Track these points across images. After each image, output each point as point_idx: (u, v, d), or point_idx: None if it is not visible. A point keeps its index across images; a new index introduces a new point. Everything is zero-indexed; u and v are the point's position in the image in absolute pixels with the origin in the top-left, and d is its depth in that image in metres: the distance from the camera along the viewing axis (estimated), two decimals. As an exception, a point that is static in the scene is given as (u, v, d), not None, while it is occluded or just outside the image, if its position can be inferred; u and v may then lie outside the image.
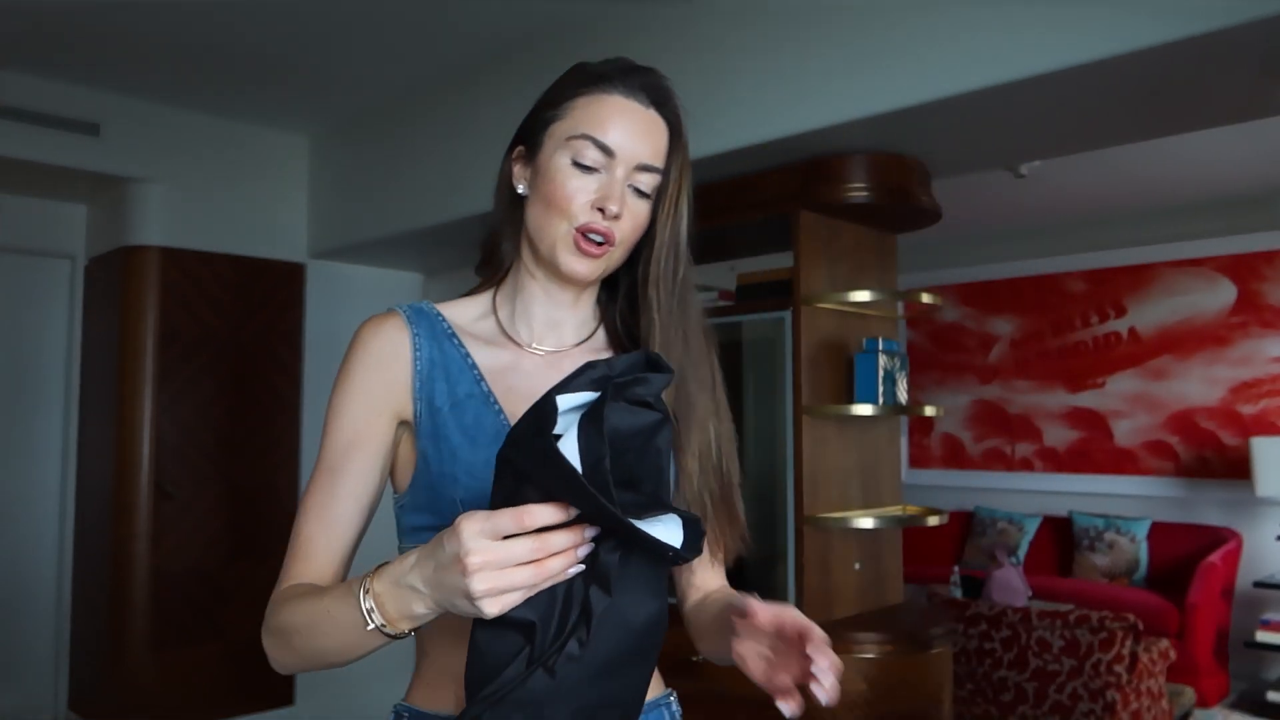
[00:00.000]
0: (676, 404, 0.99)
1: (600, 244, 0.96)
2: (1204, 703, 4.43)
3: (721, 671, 2.82)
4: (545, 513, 0.72)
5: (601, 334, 1.08)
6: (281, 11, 3.06)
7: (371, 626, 0.80)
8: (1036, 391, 5.87)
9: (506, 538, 0.72)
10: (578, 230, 0.96)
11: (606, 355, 1.01)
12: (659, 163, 0.98)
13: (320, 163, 4.35)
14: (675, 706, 1.09)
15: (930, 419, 6.22)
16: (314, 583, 0.95)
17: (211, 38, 3.26)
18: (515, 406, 0.97)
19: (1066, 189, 4.86)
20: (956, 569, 4.43)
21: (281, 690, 4.20)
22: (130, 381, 3.88)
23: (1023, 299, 5.96)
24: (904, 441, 6.36)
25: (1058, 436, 5.76)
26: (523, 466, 0.74)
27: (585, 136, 0.95)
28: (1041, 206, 5.25)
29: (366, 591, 0.80)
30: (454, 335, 1.02)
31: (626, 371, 0.75)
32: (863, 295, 2.77)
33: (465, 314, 1.05)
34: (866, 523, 2.73)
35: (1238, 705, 4.52)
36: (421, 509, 0.98)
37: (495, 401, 0.98)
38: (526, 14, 3.08)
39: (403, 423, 0.99)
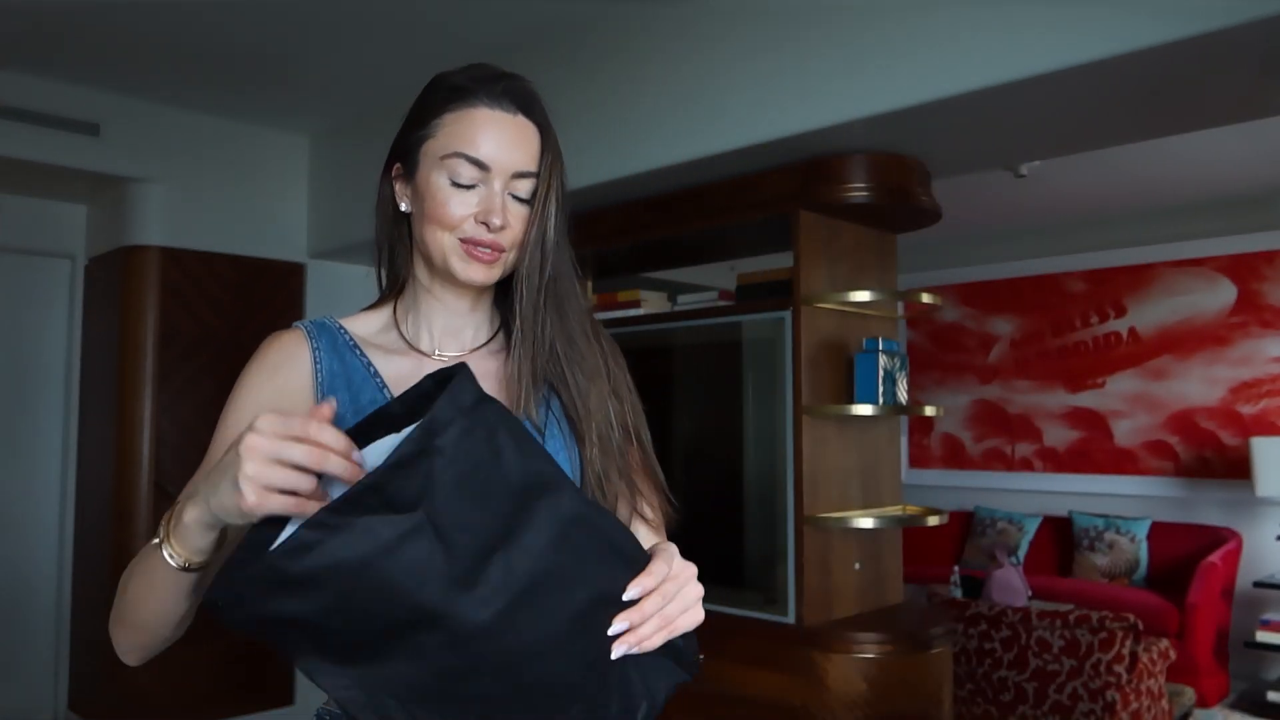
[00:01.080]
0: (566, 398, 1.03)
1: (494, 253, 0.99)
2: (1204, 703, 4.43)
3: (722, 671, 2.82)
4: (332, 434, 0.75)
5: (501, 335, 1.10)
6: (281, 11, 3.06)
7: (165, 558, 0.81)
8: (1036, 391, 5.87)
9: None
10: (463, 241, 0.98)
11: (505, 355, 1.07)
12: (534, 167, 1.00)
13: (320, 163, 4.35)
14: None
15: (930, 419, 6.22)
16: None
17: (212, 38, 3.26)
18: None
19: (1066, 189, 4.86)
20: (956, 569, 4.43)
21: (281, 690, 4.20)
22: (130, 381, 3.88)
23: (1023, 299, 5.97)
24: (904, 441, 6.36)
25: (1058, 436, 5.76)
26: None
27: (458, 154, 0.97)
28: (1041, 206, 5.25)
29: (163, 524, 0.83)
30: (356, 346, 1.04)
31: (412, 401, 0.82)
32: (863, 295, 2.77)
33: (367, 326, 1.08)
34: (866, 523, 2.73)
35: (1238, 705, 4.52)
36: None
37: None
38: (526, 14, 3.08)
39: None
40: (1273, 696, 4.31)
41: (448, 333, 1.07)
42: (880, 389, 2.76)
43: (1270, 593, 4.71)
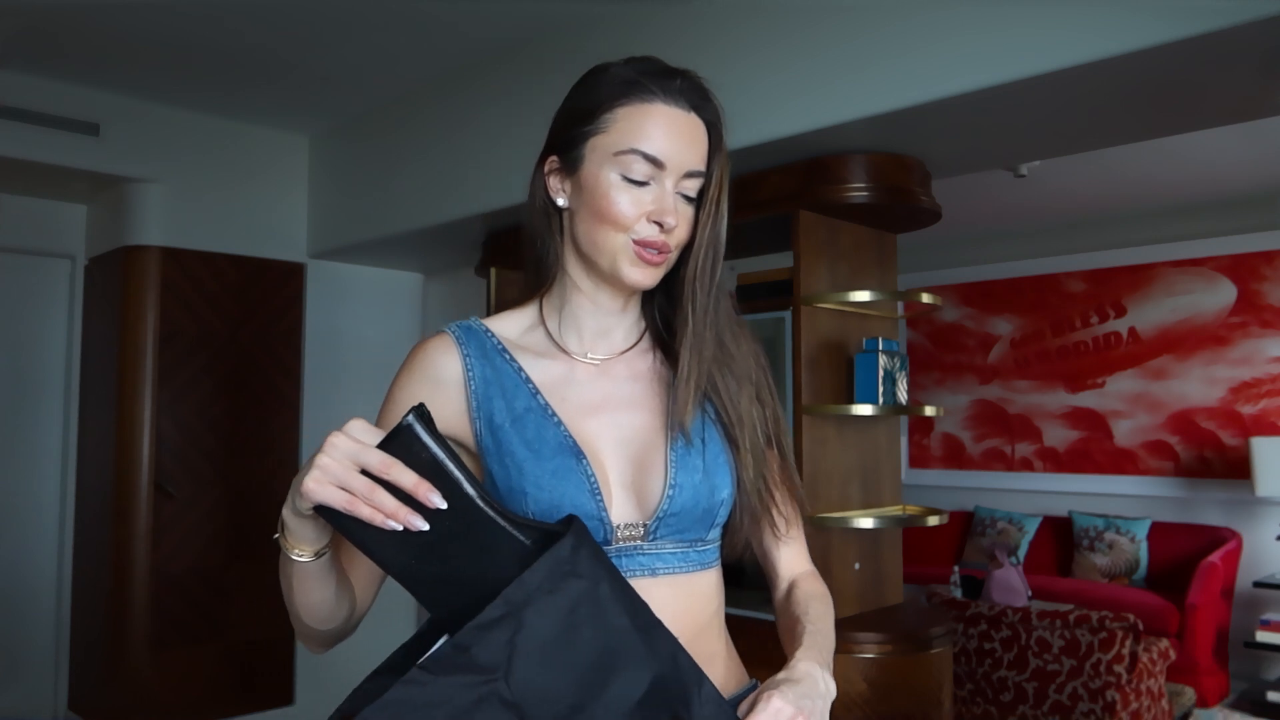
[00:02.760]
0: (719, 403, 1.02)
1: (661, 254, 0.98)
2: (1204, 703, 4.43)
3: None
4: (407, 476, 0.78)
5: (648, 335, 1.09)
6: (281, 11, 3.06)
7: (286, 554, 0.88)
8: (1036, 391, 5.87)
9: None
10: (636, 243, 0.97)
11: (655, 355, 1.07)
12: (703, 166, 0.99)
13: (320, 163, 4.35)
14: None
15: (930, 419, 6.22)
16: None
17: (212, 38, 3.26)
18: (571, 417, 0.99)
19: (1066, 189, 4.86)
20: (956, 569, 4.43)
21: (281, 690, 4.20)
22: (130, 381, 3.88)
23: (1023, 299, 5.96)
24: (904, 441, 6.36)
25: (1058, 436, 5.76)
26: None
27: (634, 151, 0.95)
28: (1041, 206, 5.25)
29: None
30: (504, 350, 1.03)
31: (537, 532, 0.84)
32: (863, 295, 2.77)
33: (513, 327, 1.06)
34: (866, 523, 2.73)
35: (1238, 705, 4.52)
36: None
37: (553, 414, 0.99)
38: (526, 14, 3.08)
39: (460, 445, 1.01)
40: (1273, 696, 4.31)
41: (598, 334, 1.05)
42: (880, 389, 2.76)
43: (1270, 593, 4.71)
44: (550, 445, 0.97)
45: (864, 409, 2.73)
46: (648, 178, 0.96)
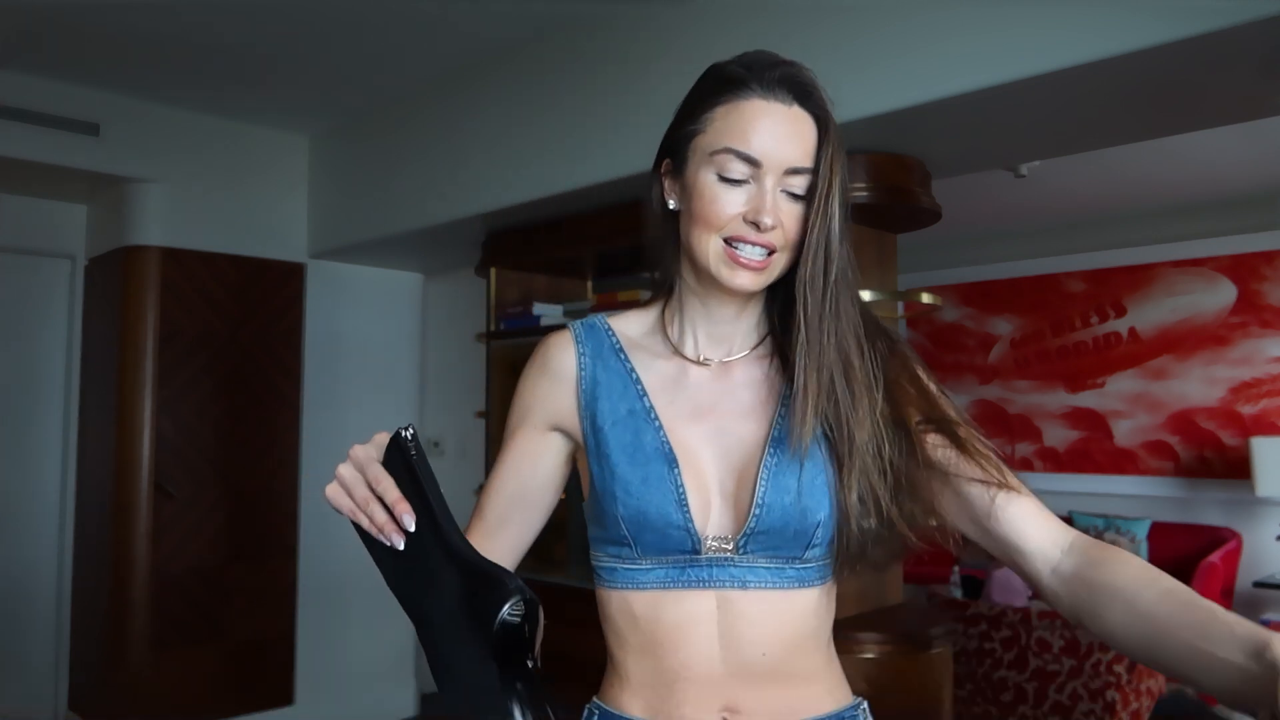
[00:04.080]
0: (832, 418, 0.95)
1: (764, 256, 0.94)
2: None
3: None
4: (391, 492, 0.84)
5: (769, 340, 1.06)
6: (282, 11, 3.06)
7: None
8: (1036, 391, 5.87)
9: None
10: (728, 242, 0.94)
11: (771, 362, 1.04)
12: (808, 163, 0.94)
13: (320, 163, 4.35)
14: (867, 717, 1.07)
15: (930, 419, 6.21)
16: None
17: (212, 38, 3.26)
18: (675, 422, 1.00)
19: (1066, 189, 4.86)
20: (956, 569, 4.43)
21: (281, 690, 4.20)
22: (130, 381, 3.88)
23: (1023, 299, 5.96)
24: (904, 441, 6.35)
25: (1058, 436, 5.76)
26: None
27: (728, 150, 0.93)
28: (1041, 206, 5.25)
29: None
30: (621, 350, 1.04)
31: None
32: (863, 295, 2.76)
33: (636, 327, 1.07)
34: (866, 523, 2.72)
35: (1238, 705, 4.51)
36: (594, 520, 1.02)
37: (655, 417, 0.99)
38: (527, 13, 3.08)
39: (568, 437, 1.05)
40: (1273, 696, 4.30)
41: (713, 339, 1.04)
42: (880, 389, 2.76)
43: (1270, 593, 4.71)
44: (646, 450, 0.97)
45: (864, 409, 2.72)
46: (745, 176, 0.93)
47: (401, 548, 0.84)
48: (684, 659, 0.96)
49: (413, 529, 0.83)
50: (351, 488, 0.85)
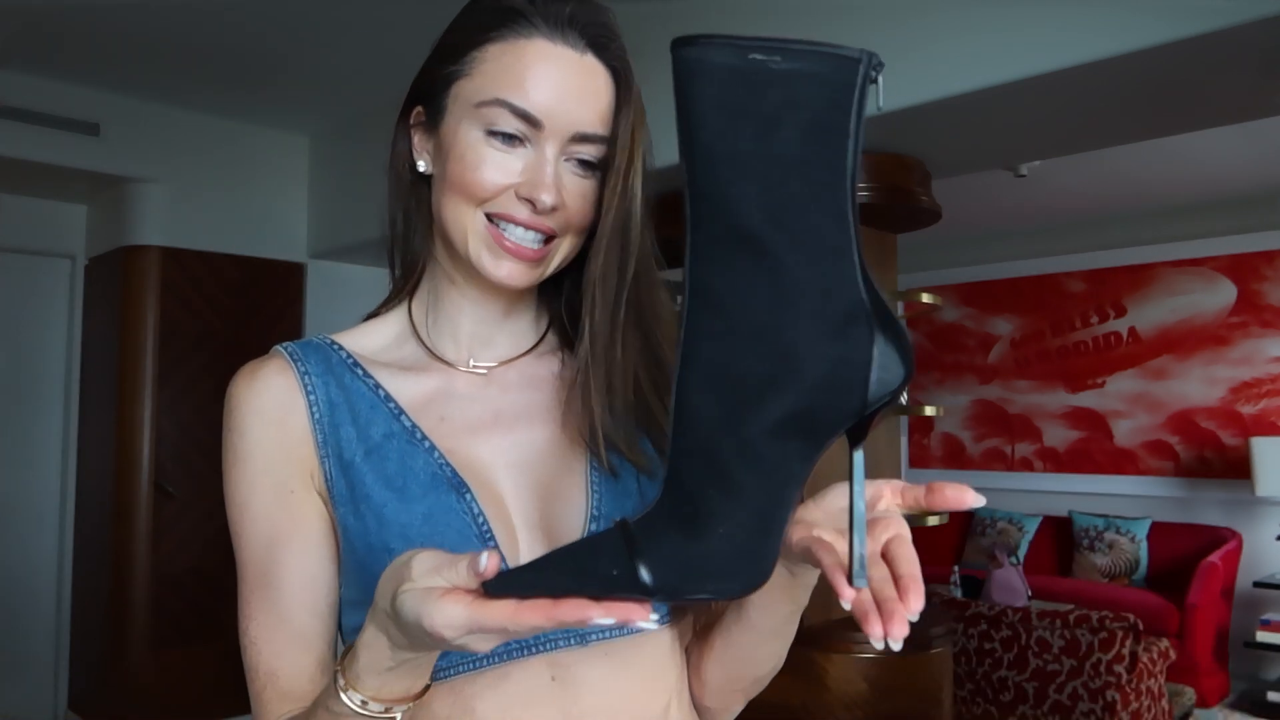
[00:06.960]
0: (654, 432, 0.77)
1: (540, 244, 0.74)
2: (1204, 703, 4.43)
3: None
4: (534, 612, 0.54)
5: (552, 333, 0.85)
6: (281, 11, 3.06)
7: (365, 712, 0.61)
8: (1036, 391, 5.87)
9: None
10: (490, 221, 0.73)
11: (558, 358, 0.83)
12: (602, 129, 0.73)
13: (320, 163, 4.35)
14: None
15: (930, 419, 6.22)
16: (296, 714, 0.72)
17: (212, 38, 3.26)
18: (453, 441, 0.76)
19: (1066, 189, 4.86)
20: (956, 569, 4.43)
21: (281, 690, 4.20)
22: (130, 381, 3.88)
23: (1023, 299, 5.97)
24: (904, 441, 6.36)
25: (1057, 436, 5.76)
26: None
27: (499, 102, 0.70)
28: (1041, 206, 5.26)
29: (339, 677, 0.61)
30: (357, 365, 0.79)
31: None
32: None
33: (374, 339, 0.82)
34: (866, 523, 2.72)
35: (1238, 705, 4.52)
36: (357, 604, 0.73)
37: (424, 437, 0.76)
38: (526, 14, 3.08)
39: (318, 491, 0.76)
40: (1273, 696, 4.31)
41: (480, 340, 0.81)
42: (880, 389, 2.76)
43: (1270, 593, 4.71)
44: (420, 480, 0.73)
45: (864, 409, 2.73)
46: (522, 136, 0.71)
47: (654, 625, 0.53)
48: None
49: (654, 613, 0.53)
50: (501, 626, 0.53)
